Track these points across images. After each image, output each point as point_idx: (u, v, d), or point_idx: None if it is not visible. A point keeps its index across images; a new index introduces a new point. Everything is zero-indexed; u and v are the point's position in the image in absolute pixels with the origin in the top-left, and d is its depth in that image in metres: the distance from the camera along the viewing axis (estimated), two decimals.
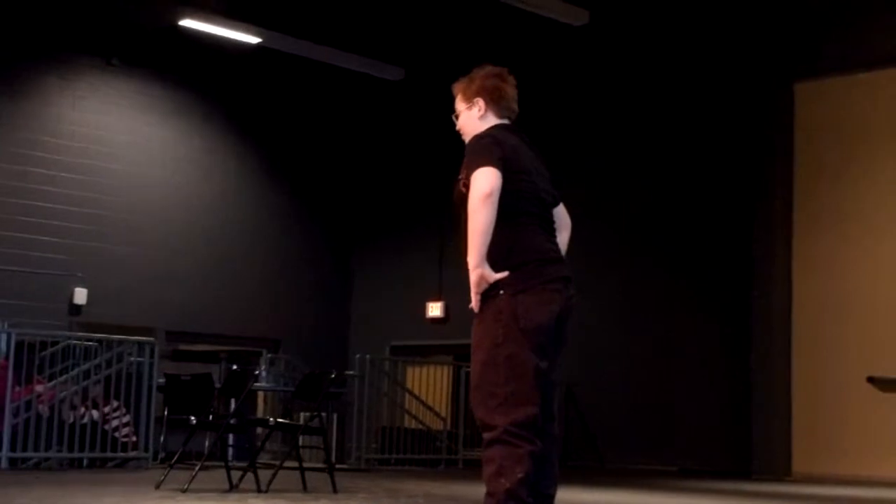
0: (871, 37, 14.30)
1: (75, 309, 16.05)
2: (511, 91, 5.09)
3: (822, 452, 14.22)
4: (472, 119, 5.03)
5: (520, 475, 4.50)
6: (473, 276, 4.60)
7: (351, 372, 14.76)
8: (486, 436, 4.60)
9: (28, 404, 11.52)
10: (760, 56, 15.20)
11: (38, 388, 11.68)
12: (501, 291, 4.64)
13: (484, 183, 4.58)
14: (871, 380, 13.46)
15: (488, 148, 4.73)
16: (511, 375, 4.58)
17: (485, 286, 4.62)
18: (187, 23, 16.04)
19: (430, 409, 15.33)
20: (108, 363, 12.21)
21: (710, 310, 15.46)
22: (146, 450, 12.10)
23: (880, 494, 11.25)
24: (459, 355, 15.86)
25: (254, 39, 16.63)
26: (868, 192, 14.46)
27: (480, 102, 5.03)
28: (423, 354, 17.97)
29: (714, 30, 15.66)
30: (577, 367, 16.22)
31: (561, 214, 5.14)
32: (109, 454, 11.95)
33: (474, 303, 4.68)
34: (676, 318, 15.72)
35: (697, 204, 15.81)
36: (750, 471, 14.27)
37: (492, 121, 5.01)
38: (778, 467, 14.29)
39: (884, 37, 14.19)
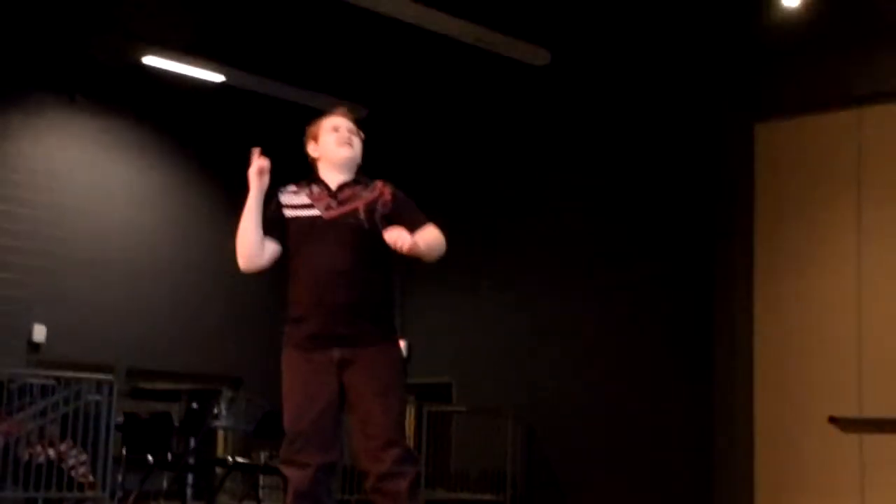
0: (833, 77, 14.42)
1: (34, 346, 15.87)
2: None
3: (784, 492, 14.23)
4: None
5: None
6: (411, 242, 4.79)
7: None
8: (404, 453, 4.83)
9: None
10: (720, 97, 15.31)
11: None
12: (396, 336, 5.06)
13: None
14: (832, 420, 13.51)
15: None
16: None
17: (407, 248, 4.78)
18: (150, 60, 16.01)
19: None
20: (66, 401, 12.06)
21: (672, 351, 15.47)
22: (104, 490, 11.94)
23: None
24: (421, 394, 15.78)
25: (217, 77, 16.61)
26: (828, 233, 14.55)
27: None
28: None
29: (673, 71, 15.78)
30: (539, 405, 16.23)
31: None
32: (66, 494, 11.77)
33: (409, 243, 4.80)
34: (636, 360, 15.71)
35: (657, 245, 15.84)
36: None
37: None
38: None
39: (846, 77, 14.32)
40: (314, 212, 5.06)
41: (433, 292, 17.64)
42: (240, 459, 10.03)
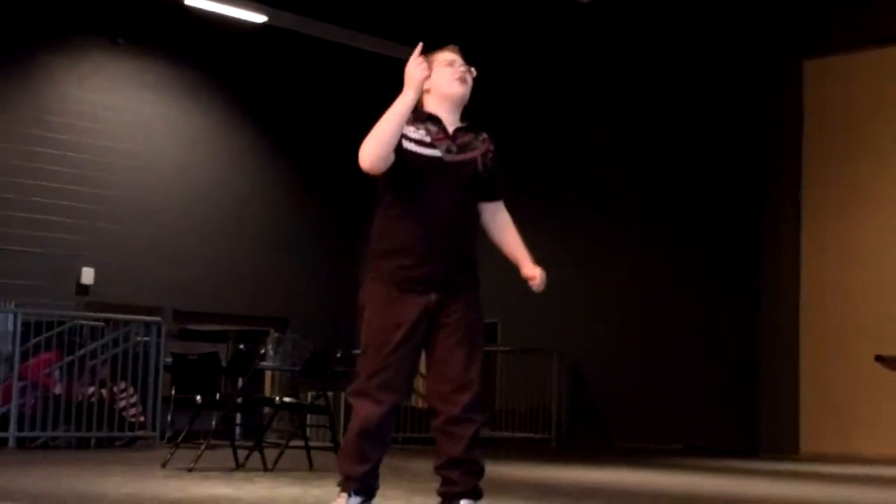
0: (881, 13, 14.20)
1: (83, 289, 16.06)
2: None
3: (830, 431, 14.21)
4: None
5: None
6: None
7: (357, 351, 14.72)
8: (476, 399, 4.79)
9: (35, 385, 11.54)
10: (769, 34, 15.10)
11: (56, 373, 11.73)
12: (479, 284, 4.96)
13: None
14: (878, 358, 13.44)
15: None
16: None
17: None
18: (192, 1, 15.99)
19: None
20: (116, 343, 12.22)
21: (719, 290, 15.41)
22: (154, 429, 12.12)
23: (888, 473, 11.22)
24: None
25: (259, 18, 16.57)
26: (877, 170, 14.38)
27: None
28: None
29: (723, 7, 15.56)
30: (583, 345, 16.23)
31: None
32: (117, 433, 11.97)
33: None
34: (683, 299, 15.67)
35: (705, 184, 15.73)
36: (757, 449, 14.26)
37: None
38: (785, 445, 14.27)
39: (893, 13, 14.08)
40: (435, 152, 4.82)
41: (478, 233, 17.60)
42: (287, 399, 10.11)
